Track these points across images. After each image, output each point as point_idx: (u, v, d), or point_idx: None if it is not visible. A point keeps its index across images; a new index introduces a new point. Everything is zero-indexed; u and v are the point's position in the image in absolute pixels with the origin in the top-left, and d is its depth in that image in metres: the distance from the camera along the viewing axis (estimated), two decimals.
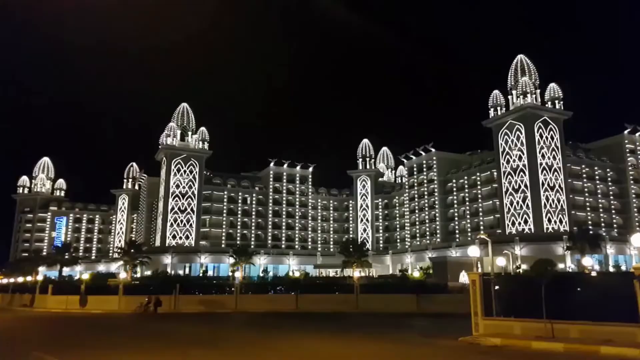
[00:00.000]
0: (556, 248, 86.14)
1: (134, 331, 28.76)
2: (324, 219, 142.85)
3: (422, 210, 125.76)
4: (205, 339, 24.41)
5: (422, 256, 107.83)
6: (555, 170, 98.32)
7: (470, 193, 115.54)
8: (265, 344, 22.21)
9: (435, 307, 39.26)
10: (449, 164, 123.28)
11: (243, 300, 42.97)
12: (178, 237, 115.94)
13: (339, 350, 20.49)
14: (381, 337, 24.31)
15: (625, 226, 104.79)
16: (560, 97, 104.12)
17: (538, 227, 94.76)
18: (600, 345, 18.14)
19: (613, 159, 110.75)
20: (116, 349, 20.67)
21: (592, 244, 70.66)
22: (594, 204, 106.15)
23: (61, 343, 22.93)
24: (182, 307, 41.74)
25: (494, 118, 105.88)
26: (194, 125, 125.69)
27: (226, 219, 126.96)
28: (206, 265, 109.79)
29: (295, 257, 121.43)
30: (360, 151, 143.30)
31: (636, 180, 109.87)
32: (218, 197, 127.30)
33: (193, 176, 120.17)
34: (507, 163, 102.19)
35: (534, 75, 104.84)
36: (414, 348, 20.80)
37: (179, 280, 50.90)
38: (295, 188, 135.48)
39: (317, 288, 49.26)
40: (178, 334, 26.67)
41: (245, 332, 27.61)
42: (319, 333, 26.10)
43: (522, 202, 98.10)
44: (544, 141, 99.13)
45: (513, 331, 21.83)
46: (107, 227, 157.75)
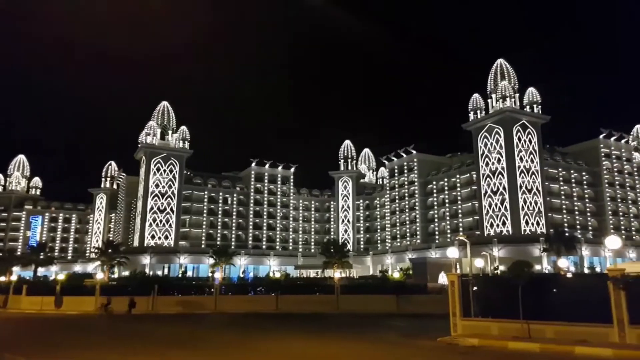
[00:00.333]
0: (533, 250, 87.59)
1: (111, 332, 28.38)
2: (305, 219, 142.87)
3: (403, 211, 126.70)
4: (183, 340, 24.20)
5: (403, 257, 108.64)
6: (532, 173, 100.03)
7: (450, 195, 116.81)
8: (246, 345, 22.12)
9: (414, 307, 39.57)
10: (429, 166, 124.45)
11: (223, 301, 42.70)
12: (157, 237, 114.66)
13: (319, 351, 20.50)
14: (361, 337, 24.39)
15: (600, 228, 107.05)
16: (538, 102, 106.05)
17: (516, 229, 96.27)
18: (575, 346, 18.49)
19: (589, 163, 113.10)
20: (92, 350, 20.36)
21: (568, 245, 71.95)
22: (570, 206, 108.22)
23: (35, 344, 22.51)
24: (160, 308, 41.29)
25: (474, 121, 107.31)
26: (174, 124, 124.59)
27: (206, 219, 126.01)
28: (185, 265, 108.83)
29: (276, 258, 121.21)
30: (342, 152, 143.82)
31: (611, 183, 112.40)
32: (198, 197, 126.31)
33: (173, 175, 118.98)
34: (486, 166, 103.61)
35: (513, 80, 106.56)
36: (394, 348, 20.93)
37: (157, 281, 50.29)
38: (276, 188, 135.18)
39: (297, 289, 49.20)
40: (156, 335, 26.39)
41: (225, 333, 27.45)
42: (300, 334, 26.09)
43: (500, 204, 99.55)
44: (522, 144, 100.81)
45: (490, 332, 22.13)
46: (84, 227, 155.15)
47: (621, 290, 18.60)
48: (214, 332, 28.15)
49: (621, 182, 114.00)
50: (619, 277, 18.84)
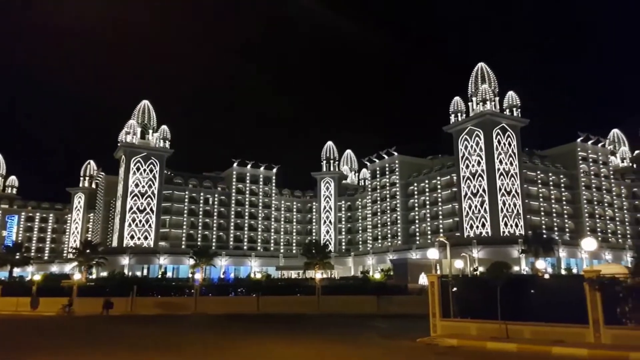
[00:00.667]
0: (512, 251, 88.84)
1: (88, 334, 27.93)
2: (287, 220, 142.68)
3: (384, 212, 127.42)
4: (162, 341, 23.93)
5: (384, 258, 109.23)
6: (512, 175, 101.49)
7: (431, 196, 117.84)
8: (225, 346, 21.96)
9: (395, 308, 39.79)
10: (410, 167, 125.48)
11: (203, 302, 42.32)
12: (136, 238, 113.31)
13: (300, 352, 20.48)
14: (341, 338, 24.43)
15: (577, 230, 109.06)
16: (518, 105, 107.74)
17: (495, 231, 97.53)
18: (551, 346, 18.77)
19: (566, 166, 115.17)
20: (69, 352, 20.01)
21: (546, 247, 73.15)
22: (547, 208, 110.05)
23: (8, 346, 22.01)
24: (139, 310, 40.77)
25: (455, 124, 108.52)
26: (155, 123, 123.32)
27: (187, 220, 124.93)
28: (165, 266, 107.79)
29: (257, 259, 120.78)
30: (324, 153, 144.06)
31: (587, 186, 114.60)
32: (179, 197, 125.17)
33: (153, 175, 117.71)
34: (466, 168, 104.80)
35: (493, 83, 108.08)
36: (374, 349, 21.01)
37: (136, 282, 49.66)
38: (258, 189, 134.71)
39: (278, 290, 48.99)
40: (134, 337, 26.05)
41: (204, 335, 27.22)
42: (281, 335, 26.02)
43: (480, 206, 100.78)
44: (502, 147, 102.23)
45: (469, 332, 22.35)
46: (62, 227, 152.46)
47: (597, 292, 18.94)
48: (193, 334, 27.90)
49: (597, 185, 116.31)
50: (594, 278, 19.17)
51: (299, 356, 19.55)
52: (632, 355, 16.87)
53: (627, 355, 16.98)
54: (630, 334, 18.37)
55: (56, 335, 27.21)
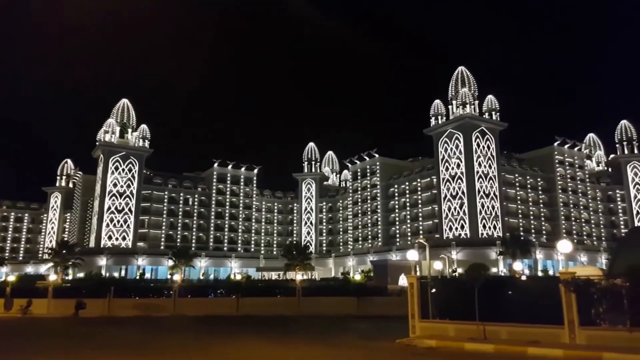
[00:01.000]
0: (490, 253, 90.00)
1: (63, 336, 27.42)
2: (267, 221, 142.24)
3: (365, 214, 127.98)
4: (139, 343, 23.60)
5: (364, 259, 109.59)
6: (490, 178, 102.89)
7: (411, 198, 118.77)
8: (203, 348, 21.76)
9: (375, 309, 40.01)
10: (391, 169, 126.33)
11: (182, 303, 41.97)
12: (114, 238, 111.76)
13: (279, 353, 20.43)
14: (321, 339, 24.44)
15: (553, 233, 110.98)
16: (496, 109, 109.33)
17: (473, 233, 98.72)
18: (527, 346, 19.05)
19: (544, 169, 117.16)
20: (43, 354, 19.62)
21: (523, 249, 74.19)
22: (525, 211, 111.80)
23: None
24: (116, 311, 40.22)
25: (435, 127, 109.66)
26: (134, 122, 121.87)
27: (166, 220, 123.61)
28: (144, 267, 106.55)
29: (237, 260, 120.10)
30: (306, 154, 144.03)
31: (564, 189, 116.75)
32: (158, 197, 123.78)
33: (132, 175, 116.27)
34: (446, 170, 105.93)
35: (473, 87, 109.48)
36: (353, 350, 21.07)
37: (113, 283, 49.06)
38: (239, 190, 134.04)
39: (258, 291, 48.91)
40: (110, 339, 25.67)
41: (182, 337, 26.95)
42: (259, 336, 25.92)
43: (459, 208, 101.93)
44: (481, 150, 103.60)
45: (448, 333, 22.57)
46: (38, 227, 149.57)
47: (572, 293, 19.29)
48: (171, 336, 27.59)
49: (574, 188, 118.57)
50: (570, 280, 19.52)
51: (278, 358, 19.50)
52: (605, 356, 17.23)
53: (601, 355, 17.33)
54: (604, 334, 18.76)
55: (37, 338, 26.60)
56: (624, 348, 17.41)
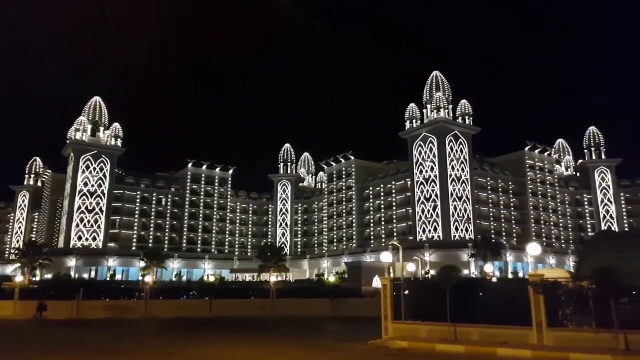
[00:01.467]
0: (462, 255, 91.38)
1: (29, 338, 26.73)
2: (242, 222, 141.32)
3: (340, 216, 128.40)
4: (108, 346, 23.15)
5: (339, 261, 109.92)
6: (463, 181, 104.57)
7: (386, 200, 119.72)
8: (174, 350, 21.48)
9: (349, 311, 40.16)
10: (366, 171, 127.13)
11: (153, 305, 41.37)
12: (84, 239, 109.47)
13: (251, 355, 20.33)
14: (294, 341, 24.40)
15: (524, 235, 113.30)
16: (470, 113, 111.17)
17: (446, 235, 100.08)
18: (497, 347, 19.39)
19: (514, 173, 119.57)
20: (6, 357, 19.08)
21: (494, 251, 75.54)
22: (496, 214, 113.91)
23: None
24: (85, 313, 39.40)
25: (409, 130, 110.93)
26: (106, 120, 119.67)
27: (138, 221, 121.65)
28: (114, 268, 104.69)
29: (211, 261, 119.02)
30: (281, 155, 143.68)
31: (534, 193, 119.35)
32: (130, 197, 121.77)
33: (103, 174, 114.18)
34: (420, 173, 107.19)
35: (447, 91, 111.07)
36: (325, 352, 21.09)
37: (83, 284, 48.05)
38: (213, 190, 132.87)
39: (232, 293, 48.64)
40: (78, 341, 25.10)
41: (153, 339, 26.55)
42: (232, 338, 25.72)
43: (432, 211, 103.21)
44: (454, 154, 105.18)
45: (420, 334, 22.80)
46: (4, 226, 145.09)
47: (540, 295, 19.72)
48: (140, 338, 27.14)
49: (543, 192, 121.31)
50: (538, 282, 19.95)
51: (250, 359, 19.38)
52: (571, 356, 17.67)
53: (567, 355, 17.77)
54: (571, 335, 19.24)
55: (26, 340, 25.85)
56: (589, 348, 17.88)
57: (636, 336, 17.37)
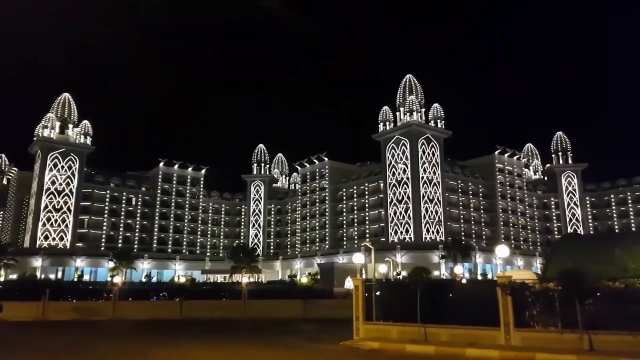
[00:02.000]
0: (433, 256, 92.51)
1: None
2: (214, 223, 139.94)
3: (313, 217, 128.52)
4: (72, 348, 22.59)
5: (311, 262, 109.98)
6: (434, 184, 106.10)
7: (359, 202, 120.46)
8: (142, 353, 21.11)
9: (321, 312, 40.21)
10: (340, 173, 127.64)
11: (122, 306, 40.62)
12: (51, 238, 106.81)
13: (222, 357, 20.17)
14: (265, 343, 24.31)
15: (493, 237, 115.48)
16: (442, 117, 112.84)
17: (418, 237, 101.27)
18: (466, 348, 19.71)
19: (485, 177, 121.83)
20: None
21: (464, 253, 76.77)
22: (467, 216, 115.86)
23: None
24: (51, 315, 38.41)
25: (383, 132, 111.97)
26: (76, 117, 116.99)
27: (107, 220, 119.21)
28: (82, 269, 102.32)
29: (182, 262, 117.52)
30: (255, 156, 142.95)
31: (503, 196, 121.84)
32: (99, 196, 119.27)
33: (72, 172, 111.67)
34: (392, 175, 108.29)
35: (420, 95, 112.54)
36: (296, 353, 21.08)
37: (49, 285, 46.92)
38: (185, 190, 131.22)
39: (203, 294, 48.20)
40: (43, 344, 24.43)
41: (120, 341, 26.01)
42: (203, 341, 25.48)
43: (404, 213, 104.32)
44: (426, 157, 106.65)
45: (390, 335, 22.97)
46: None
47: (508, 296, 20.12)
48: (107, 340, 26.58)
49: (512, 195, 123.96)
50: (506, 283, 20.35)
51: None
52: (538, 356, 18.09)
53: (534, 356, 18.18)
54: (537, 336, 19.69)
55: None
56: (555, 349, 18.33)
57: (600, 337, 17.88)
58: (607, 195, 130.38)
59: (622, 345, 17.38)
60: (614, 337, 17.75)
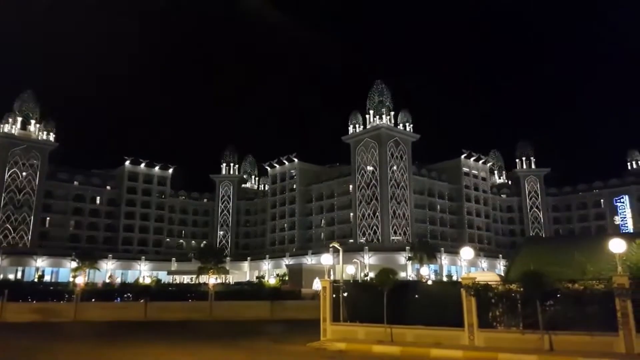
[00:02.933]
0: (400, 258, 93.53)
1: None
2: (182, 223, 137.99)
3: (282, 218, 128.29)
4: (30, 350, 21.94)
5: (280, 263, 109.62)
6: (402, 186, 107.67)
7: (328, 203, 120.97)
8: (103, 356, 20.68)
9: (288, 313, 40.15)
10: (310, 174, 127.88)
11: (85, 308, 39.64)
12: (10, 237, 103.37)
13: (187, 359, 19.94)
14: (231, 344, 24.16)
15: (458, 239, 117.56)
16: (410, 121, 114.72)
17: (385, 238, 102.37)
18: (431, 348, 20.07)
19: (451, 180, 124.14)
20: None
21: (430, 255, 77.98)
22: (433, 218, 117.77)
23: None
24: (9, 316, 37.22)
25: (352, 135, 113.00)
26: (39, 113, 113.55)
27: (71, 219, 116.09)
28: (43, 269, 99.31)
29: (147, 263, 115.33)
30: (224, 156, 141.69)
31: (468, 199, 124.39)
32: (63, 194, 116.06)
33: (34, 169, 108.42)
34: (361, 177, 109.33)
35: (389, 99, 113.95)
36: (263, 354, 21.05)
37: (7, 285, 45.34)
38: (152, 189, 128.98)
39: (169, 295, 47.47)
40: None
41: (81, 344, 25.39)
42: (167, 342, 25.10)
43: (372, 214, 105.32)
44: (395, 159, 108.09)
45: (357, 336, 23.17)
46: None
47: (472, 297, 20.59)
48: (67, 343, 25.90)
49: (477, 198, 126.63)
50: (470, 285, 20.82)
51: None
52: (500, 356, 18.57)
53: (496, 356, 18.66)
54: (500, 336, 20.22)
55: None
56: (517, 349, 18.86)
57: (560, 337, 18.47)
58: (568, 199, 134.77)
59: (580, 345, 17.99)
60: (573, 337, 18.36)
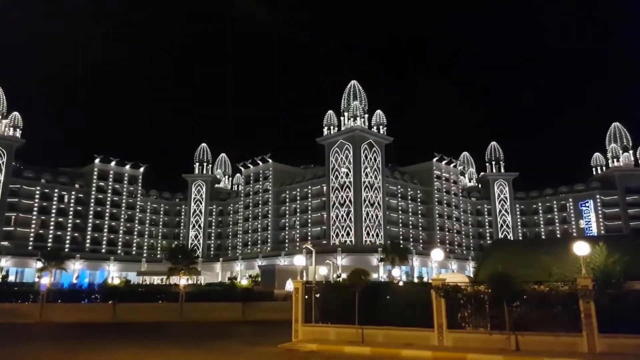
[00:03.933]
0: (372, 259, 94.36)
1: None
2: (152, 223, 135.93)
3: (256, 218, 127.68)
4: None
5: (252, 264, 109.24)
6: (375, 188, 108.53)
7: (302, 205, 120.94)
8: (67, 359, 20.22)
9: (260, 314, 39.99)
10: (284, 175, 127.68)
11: (50, 309, 38.65)
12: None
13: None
14: (202, 346, 23.95)
15: (429, 241, 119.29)
16: (384, 123, 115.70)
17: (358, 240, 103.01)
18: (401, 349, 20.29)
19: (423, 182, 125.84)
20: None
21: (401, 256, 78.70)
22: (405, 220, 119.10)
23: None
24: None
25: (327, 136, 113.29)
26: (5, 109, 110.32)
27: (37, 218, 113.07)
28: (7, 269, 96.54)
29: (116, 263, 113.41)
30: (197, 155, 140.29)
31: (440, 202, 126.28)
32: (28, 192, 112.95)
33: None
34: (335, 179, 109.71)
35: (364, 101, 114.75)
36: (233, 356, 20.91)
37: None
38: (122, 188, 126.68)
39: (138, 296, 46.60)
40: None
41: (45, 346, 24.75)
42: (135, 345, 24.67)
43: (346, 216, 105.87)
44: (368, 162, 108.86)
45: (329, 337, 23.26)
46: None
47: (442, 298, 20.92)
48: (32, 345, 25.23)
49: (448, 201, 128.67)
50: (440, 286, 21.15)
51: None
52: (468, 357, 18.91)
53: (465, 356, 18.99)
54: (468, 337, 20.58)
55: None
56: (484, 349, 19.25)
57: (526, 337, 18.95)
58: (535, 203, 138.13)
59: (545, 345, 18.48)
60: (538, 338, 18.85)
